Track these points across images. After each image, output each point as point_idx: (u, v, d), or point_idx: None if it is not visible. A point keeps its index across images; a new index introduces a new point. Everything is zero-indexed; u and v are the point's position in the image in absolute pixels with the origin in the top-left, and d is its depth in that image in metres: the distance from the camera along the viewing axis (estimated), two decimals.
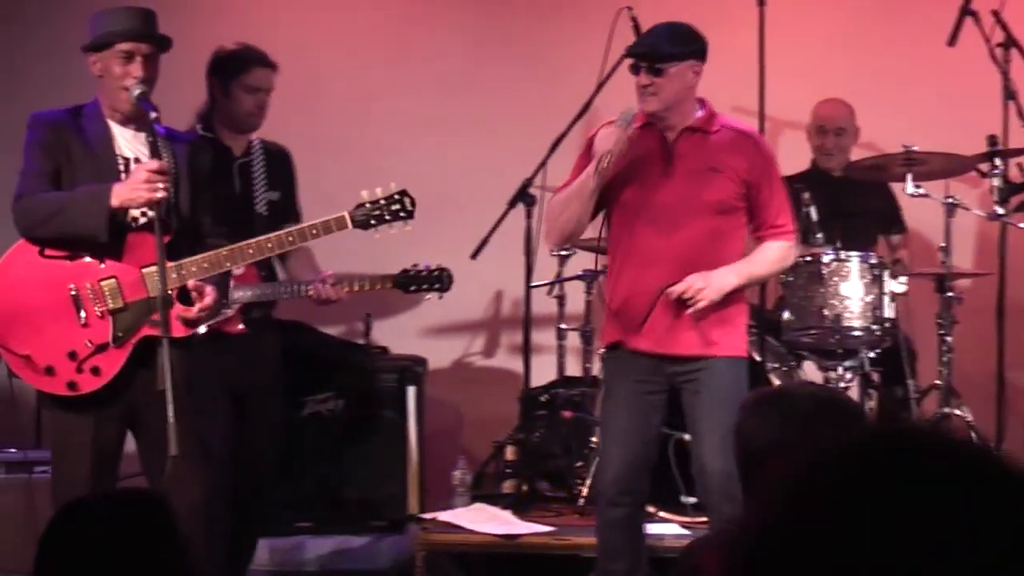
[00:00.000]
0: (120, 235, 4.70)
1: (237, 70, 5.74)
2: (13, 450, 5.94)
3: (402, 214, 5.04)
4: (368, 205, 5.00)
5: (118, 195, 4.60)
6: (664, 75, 5.01)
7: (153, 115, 4.62)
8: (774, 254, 5.18)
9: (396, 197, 5.04)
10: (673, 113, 5.08)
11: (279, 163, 5.89)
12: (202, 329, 5.11)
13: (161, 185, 4.59)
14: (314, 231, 4.94)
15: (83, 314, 4.68)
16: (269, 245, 4.89)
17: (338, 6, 7.74)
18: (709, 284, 4.95)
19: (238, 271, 5.56)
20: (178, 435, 4.34)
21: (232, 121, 5.78)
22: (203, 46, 5.92)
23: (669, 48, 5.03)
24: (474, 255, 6.17)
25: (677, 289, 4.94)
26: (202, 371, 5.23)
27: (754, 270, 5.18)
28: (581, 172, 5.14)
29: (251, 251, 4.86)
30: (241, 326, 5.61)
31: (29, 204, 4.70)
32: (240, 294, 5.58)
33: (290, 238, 4.91)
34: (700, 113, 5.13)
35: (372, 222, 5.00)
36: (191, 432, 4.48)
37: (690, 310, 4.94)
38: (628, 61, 5.17)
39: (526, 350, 6.16)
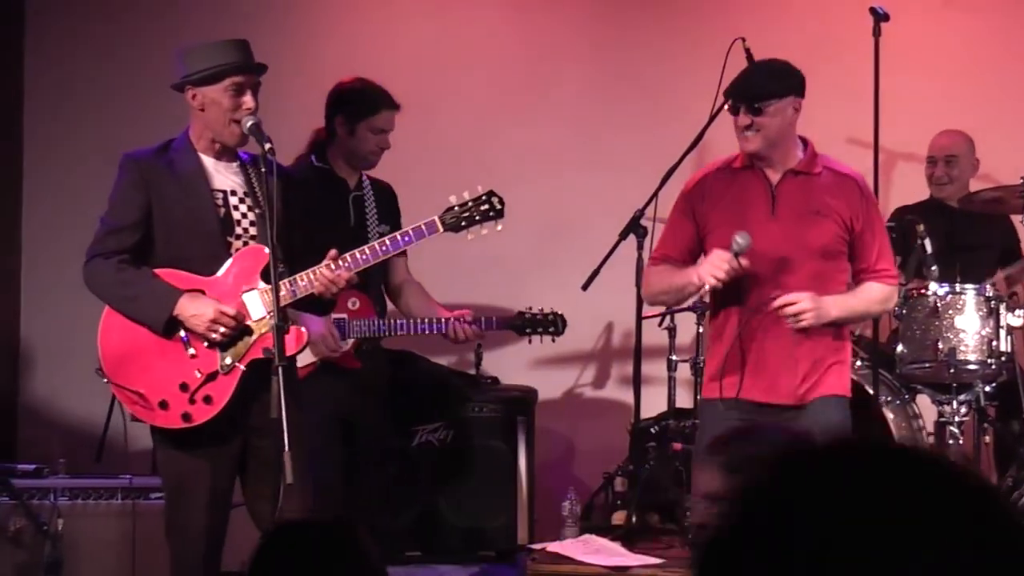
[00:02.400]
0: (219, 259, 4.70)
1: (366, 112, 5.74)
2: (128, 477, 6.05)
3: (491, 214, 4.97)
4: (457, 208, 4.93)
5: (182, 310, 4.59)
6: (764, 114, 4.95)
7: (268, 146, 4.57)
8: (876, 294, 5.10)
9: (483, 198, 4.97)
10: (775, 152, 5.02)
11: (387, 198, 5.95)
12: (306, 360, 5.15)
13: (222, 330, 4.59)
14: (406, 237, 4.90)
15: (191, 345, 4.66)
16: (366, 255, 4.80)
17: (455, 41, 7.78)
18: (816, 311, 4.89)
19: (353, 307, 5.60)
20: (281, 463, 4.34)
21: (352, 158, 5.83)
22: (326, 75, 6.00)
23: (769, 86, 4.98)
24: (585, 286, 6.17)
25: (788, 300, 4.88)
26: (314, 401, 5.26)
27: (855, 306, 5.10)
28: (677, 230, 5.13)
29: (347, 262, 4.74)
30: (356, 363, 5.66)
31: (99, 274, 4.68)
32: (358, 329, 5.63)
33: (383, 247, 4.84)
34: (802, 154, 5.07)
35: (463, 224, 4.93)
36: (295, 459, 4.40)
37: (793, 324, 4.89)
38: (729, 100, 5.11)
39: (636, 381, 6.13)
